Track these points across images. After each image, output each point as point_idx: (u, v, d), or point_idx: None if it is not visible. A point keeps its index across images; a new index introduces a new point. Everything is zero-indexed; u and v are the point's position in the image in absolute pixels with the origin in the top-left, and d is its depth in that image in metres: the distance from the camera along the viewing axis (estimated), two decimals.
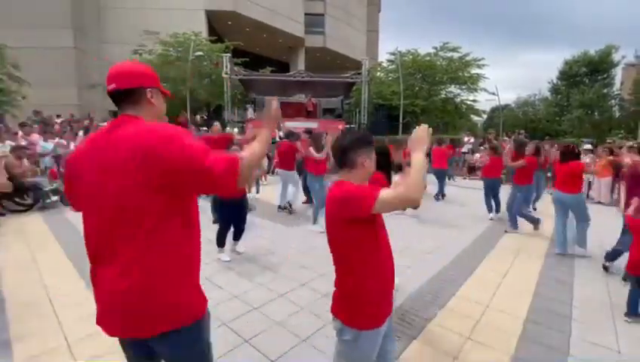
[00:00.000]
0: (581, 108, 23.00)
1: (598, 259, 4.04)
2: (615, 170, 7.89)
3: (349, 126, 16.17)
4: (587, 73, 24.22)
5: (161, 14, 20.86)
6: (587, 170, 4.74)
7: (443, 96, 21.08)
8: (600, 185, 7.99)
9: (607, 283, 3.40)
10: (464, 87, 21.00)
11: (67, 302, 2.85)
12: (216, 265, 3.76)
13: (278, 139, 12.73)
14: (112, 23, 21.35)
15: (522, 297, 3.09)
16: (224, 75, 15.65)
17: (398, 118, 17.43)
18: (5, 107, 14.26)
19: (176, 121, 15.83)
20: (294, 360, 2.18)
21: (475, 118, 24.41)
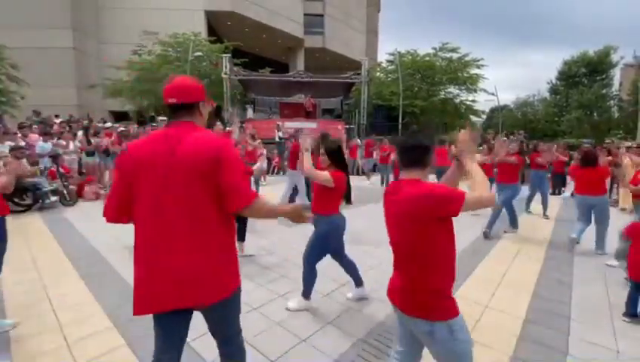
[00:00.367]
0: (580, 109, 23.06)
1: (598, 259, 4.06)
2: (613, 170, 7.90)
3: (348, 126, 16.21)
4: (586, 74, 24.29)
5: (161, 15, 20.86)
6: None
7: (442, 96, 21.13)
8: None
9: (607, 283, 3.40)
10: (463, 87, 21.05)
11: (67, 302, 2.85)
12: None
13: (277, 139, 12.73)
14: (111, 23, 21.34)
15: (522, 297, 3.09)
16: (224, 75, 15.67)
17: (397, 118, 17.46)
18: (4, 107, 14.25)
19: None
20: (294, 360, 2.19)
21: (474, 118, 24.45)
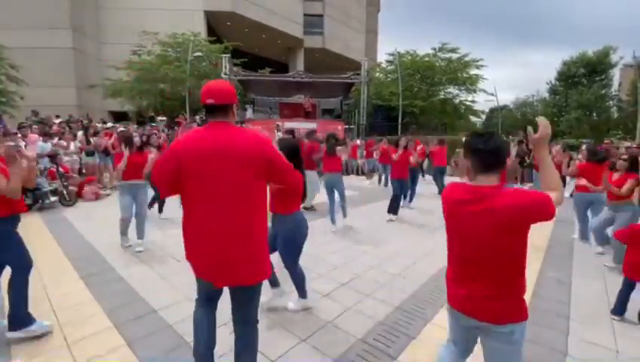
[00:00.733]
0: (579, 109, 23.08)
1: (597, 259, 4.06)
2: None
3: (348, 127, 16.22)
4: (585, 74, 24.30)
5: (160, 15, 20.86)
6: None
7: (442, 96, 21.16)
8: None
9: (606, 283, 3.41)
10: (463, 87, 21.08)
11: (67, 302, 2.85)
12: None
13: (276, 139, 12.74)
14: (111, 23, 21.33)
15: None
16: (223, 75, 15.66)
17: (397, 118, 17.47)
18: (3, 107, 14.24)
19: (176, 121, 15.82)
20: (294, 360, 2.19)
21: (473, 118, 24.50)
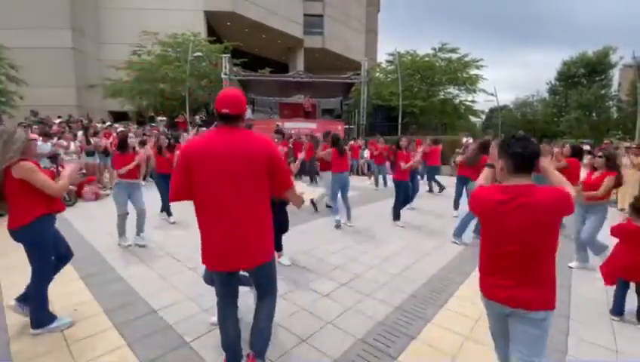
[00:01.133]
0: (579, 109, 23.10)
1: (597, 259, 4.06)
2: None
3: (348, 127, 16.22)
4: (585, 74, 24.32)
5: (160, 15, 20.85)
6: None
7: (442, 96, 21.16)
8: None
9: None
10: (463, 87, 21.08)
11: (67, 302, 2.84)
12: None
13: (276, 140, 12.73)
14: (111, 23, 21.32)
15: None
16: (223, 75, 15.66)
17: (397, 118, 17.47)
18: (3, 107, 14.23)
19: (176, 121, 15.82)
20: (295, 359, 2.19)
21: (473, 118, 24.51)
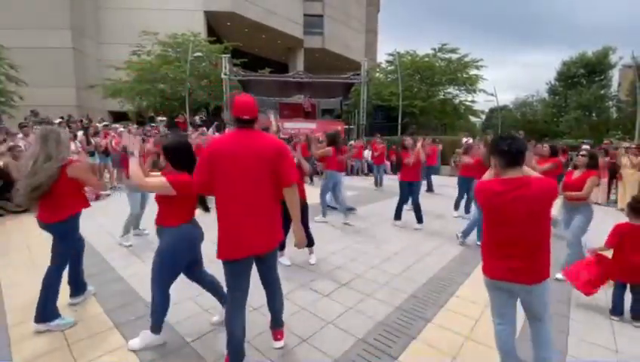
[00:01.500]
0: (579, 109, 23.10)
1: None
2: (611, 170, 7.94)
3: (347, 127, 16.21)
4: (585, 74, 24.32)
5: (160, 15, 20.85)
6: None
7: (442, 97, 21.14)
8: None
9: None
10: (463, 88, 21.07)
11: (66, 302, 2.84)
12: (216, 267, 3.75)
13: None
14: (111, 23, 21.31)
15: None
16: (223, 75, 15.64)
17: (396, 118, 17.47)
18: (2, 107, 14.23)
19: (175, 121, 15.81)
20: (295, 359, 2.20)
21: (473, 118, 24.50)
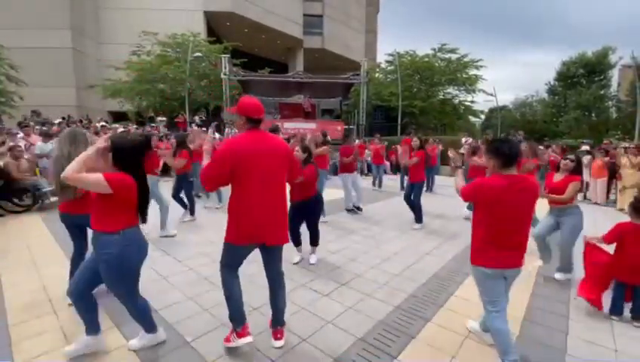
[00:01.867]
0: (578, 110, 23.11)
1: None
2: (611, 170, 7.95)
3: (347, 127, 16.21)
4: (584, 74, 24.32)
5: (160, 15, 20.84)
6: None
7: (441, 97, 21.15)
8: (596, 185, 8.05)
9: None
10: (462, 88, 21.08)
11: (67, 302, 2.85)
12: (215, 265, 3.76)
13: None
14: (110, 23, 21.31)
15: (520, 297, 3.11)
16: (223, 75, 15.64)
17: (396, 118, 17.49)
18: (2, 107, 14.23)
19: (175, 121, 15.82)
20: (295, 358, 2.20)
21: (473, 118, 24.51)
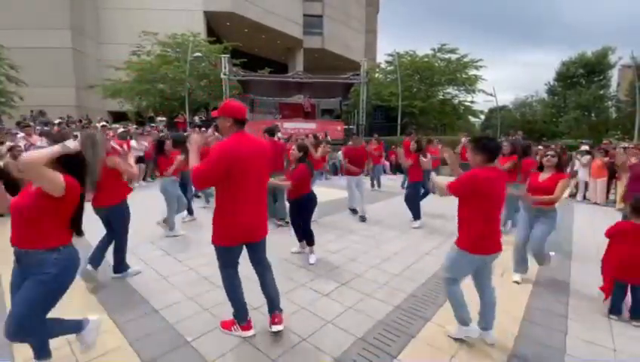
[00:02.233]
0: (578, 110, 23.13)
1: (594, 259, 4.08)
2: (610, 170, 7.96)
3: (347, 127, 16.23)
4: (584, 74, 24.34)
5: (160, 15, 20.85)
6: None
7: (441, 97, 21.15)
8: (596, 185, 8.05)
9: (603, 282, 3.43)
10: (462, 88, 21.08)
11: (67, 302, 2.85)
12: (215, 265, 3.76)
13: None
14: (110, 23, 21.32)
15: (519, 296, 3.12)
16: (223, 75, 15.64)
17: (396, 119, 17.49)
18: (2, 108, 14.24)
19: (175, 121, 15.83)
20: (295, 358, 2.21)
21: (472, 119, 24.50)
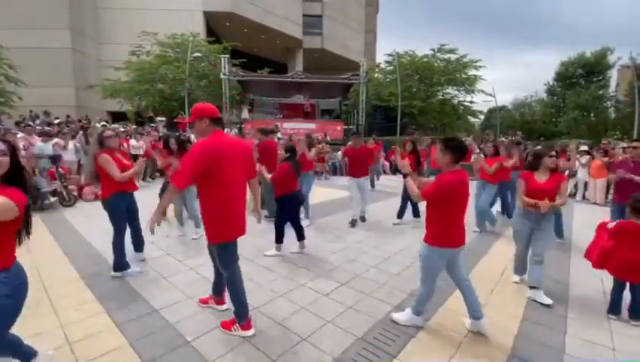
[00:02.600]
0: (577, 110, 23.18)
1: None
2: (610, 170, 7.97)
3: (347, 127, 16.24)
4: (583, 75, 24.41)
5: (159, 15, 20.85)
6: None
7: (440, 97, 21.17)
8: (595, 185, 8.07)
9: (602, 282, 3.43)
10: (461, 88, 21.10)
11: (67, 302, 2.86)
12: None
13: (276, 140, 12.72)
14: (110, 23, 21.31)
15: (519, 296, 3.13)
16: (222, 75, 15.64)
17: (395, 119, 17.51)
18: (1, 108, 14.23)
19: (175, 121, 15.81)
20: (295, 358, 2.21)
21: (472, 119, 24.53)
